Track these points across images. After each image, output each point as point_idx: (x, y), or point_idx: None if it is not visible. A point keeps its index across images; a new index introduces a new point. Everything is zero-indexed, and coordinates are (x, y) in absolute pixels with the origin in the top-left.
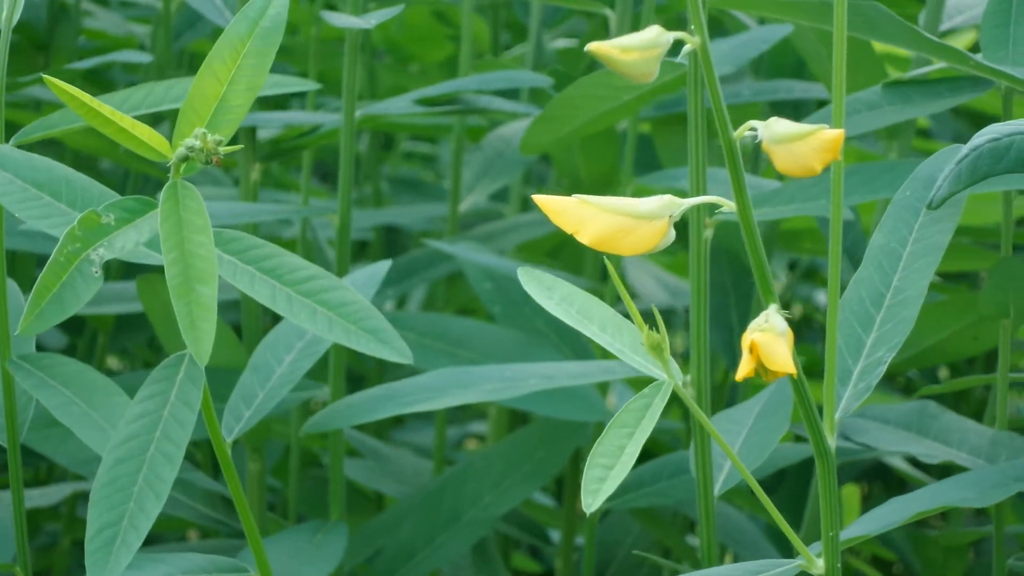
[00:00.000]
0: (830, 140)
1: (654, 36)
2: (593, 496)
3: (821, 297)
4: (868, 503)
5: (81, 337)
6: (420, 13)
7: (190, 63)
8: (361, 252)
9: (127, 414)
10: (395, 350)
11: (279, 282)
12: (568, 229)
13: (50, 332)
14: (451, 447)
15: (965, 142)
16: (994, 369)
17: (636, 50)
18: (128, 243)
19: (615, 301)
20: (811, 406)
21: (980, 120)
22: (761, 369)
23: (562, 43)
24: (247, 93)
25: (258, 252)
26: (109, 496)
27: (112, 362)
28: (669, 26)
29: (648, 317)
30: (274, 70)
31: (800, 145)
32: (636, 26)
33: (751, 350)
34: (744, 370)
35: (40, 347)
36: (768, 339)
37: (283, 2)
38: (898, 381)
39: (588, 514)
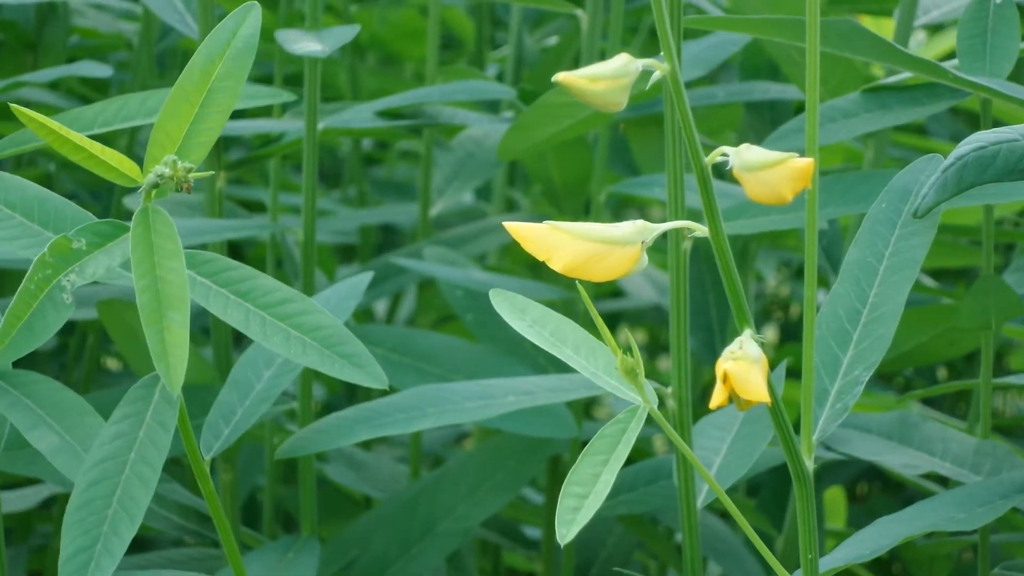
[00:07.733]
0: (800, 168)
1: (622, 65)
2: (567, 527)
3: (819, 296)
4: (866, 503)
5: (72, 337)
6: (406, 11)
7: (183, 61)
8: (353, 254)
9: (101, 435)
10: (370, 375)
11: (253, 305)
12: (539, 256)
13: None
14: (447, 446)
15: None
16: (995, 368)
17: (604, 79)
18: (100, 269)
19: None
20: (788, 430)
21: (978, 120)
22: (735, 397)
23: (553, 41)
24: (219, 116)
25: (232, 274)
26: (83, 520)
27: (112, 363)
28: (646, 23)
29: (633, 320)
30: (262, 72)
31: (770, 173)
32: (606, 28)
33: (724, 379)
34: (717, 399)
35: None
36: (741, 368)
37: (254, 23)
38: (897, 381)
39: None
